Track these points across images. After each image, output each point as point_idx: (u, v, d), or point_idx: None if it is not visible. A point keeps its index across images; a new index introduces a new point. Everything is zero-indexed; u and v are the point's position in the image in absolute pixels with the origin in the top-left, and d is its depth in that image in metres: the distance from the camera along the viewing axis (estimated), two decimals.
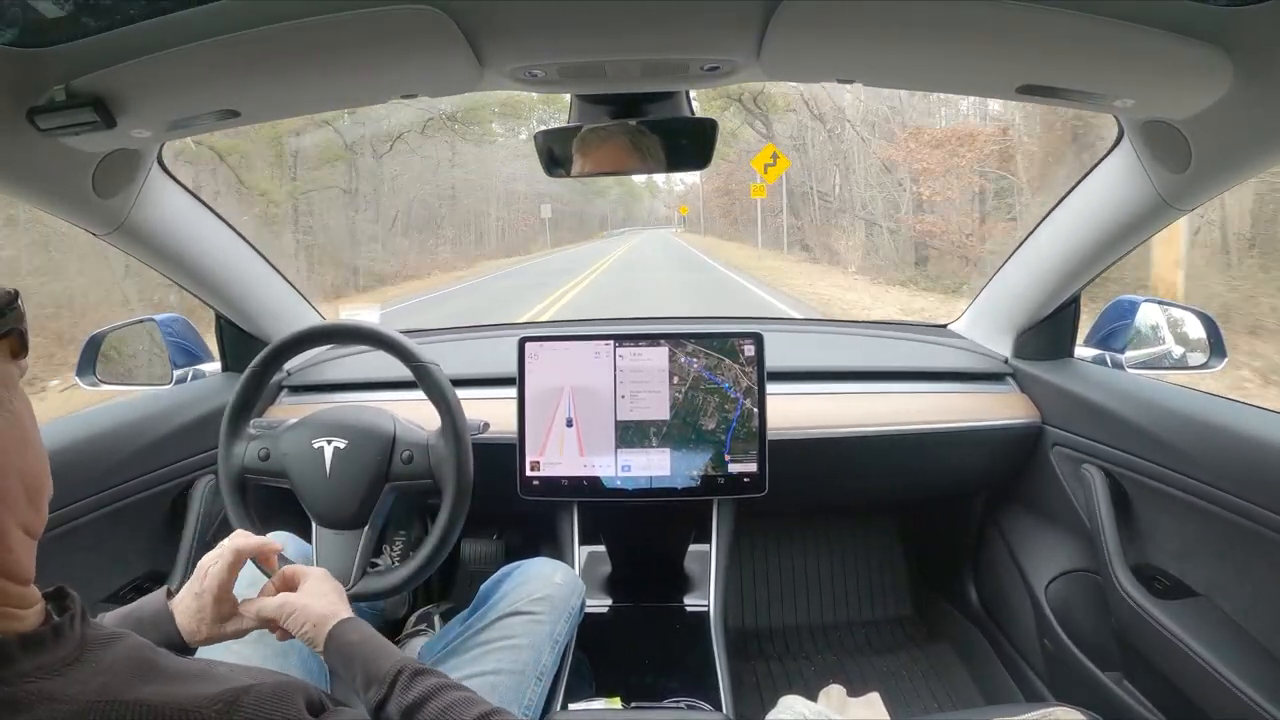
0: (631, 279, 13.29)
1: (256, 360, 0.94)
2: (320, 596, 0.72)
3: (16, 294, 0.46)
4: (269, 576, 0.77)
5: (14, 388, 0.45)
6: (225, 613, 0.72)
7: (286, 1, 0.64)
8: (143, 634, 0.60)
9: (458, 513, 0.90)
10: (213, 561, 0.73)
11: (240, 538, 0.76)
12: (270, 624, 0.73)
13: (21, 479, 0.44)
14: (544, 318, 8.10)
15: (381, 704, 0.61)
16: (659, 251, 22.07)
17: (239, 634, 0.73)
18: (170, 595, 0.73)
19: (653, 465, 1.19)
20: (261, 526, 0.91)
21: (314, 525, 0.90)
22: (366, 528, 0.88)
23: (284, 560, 0.80)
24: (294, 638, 0.72)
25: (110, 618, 0.69)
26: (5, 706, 0.38)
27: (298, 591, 0.74)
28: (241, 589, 0.74)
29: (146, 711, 0.41)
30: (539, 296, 10.21)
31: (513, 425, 1.20)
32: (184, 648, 0.70)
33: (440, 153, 18.72)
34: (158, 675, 0.44)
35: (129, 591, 1.12)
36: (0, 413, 0.43)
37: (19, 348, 0.46)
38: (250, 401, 0.94)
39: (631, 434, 1.19)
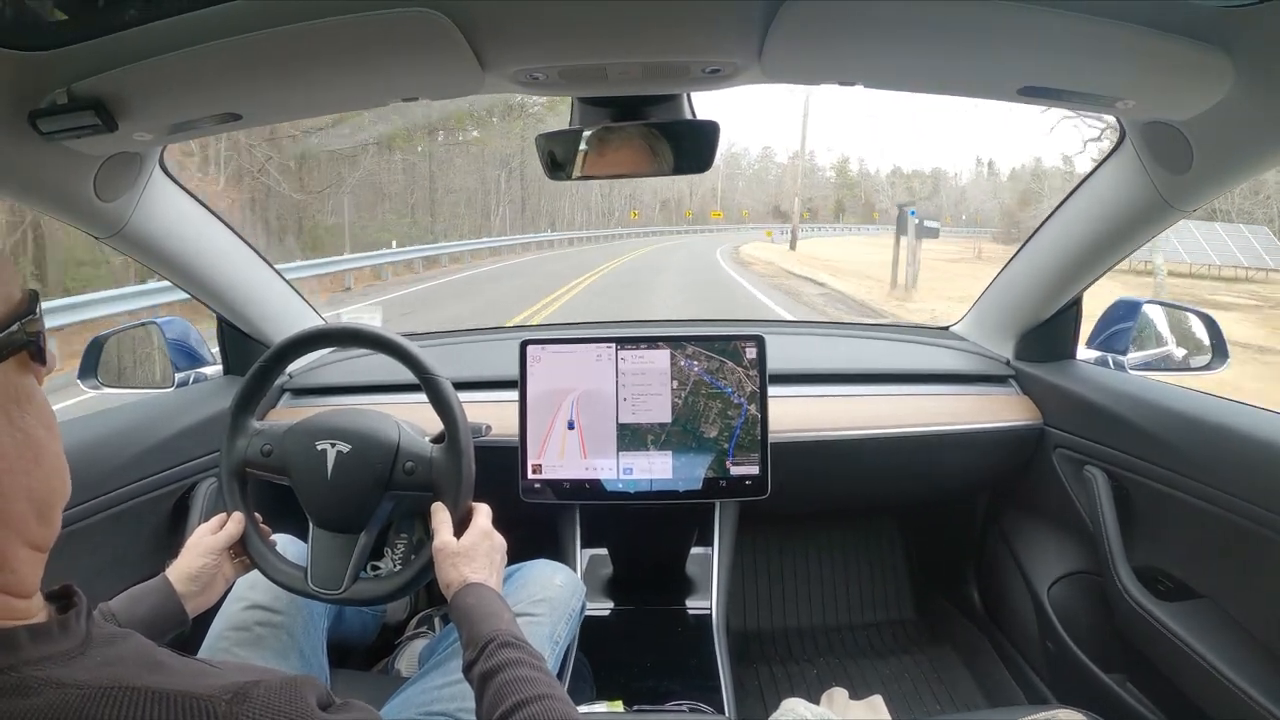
0: None
1: (265, 355, 0.93)
2: (465, 562, 0.79)
3: (36, 295, 0.44)
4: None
5: (27, 403, 0.42)
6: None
7: (288, 4, 0.64)
8: (141, 600, 0.76)
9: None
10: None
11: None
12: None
13: (30, 498, 0.42)
14: None
15: (470, 665, 0.68)
16: None
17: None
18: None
19: (654, 468, 1.19)
20: (258, 520, 0.91)
21: (310, 524, 0.90)
22: (362, 534, 0.88)
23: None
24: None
25: (114, 602, 0.75)
26: (15, 691, 0.38)
27: (455, 545, 0.81)
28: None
29: (158, 698, 0.40)
30: None
31: (514, 428, 1.19)
32: (180, 614, 0.78)
33: None
34: (165, 670, 0.44)
35: None
36: (10, 432, 0.41)
37: (37, 356, 0.43)
38: (256, 396, 0.94)
39: (633, 437, 1.19)
